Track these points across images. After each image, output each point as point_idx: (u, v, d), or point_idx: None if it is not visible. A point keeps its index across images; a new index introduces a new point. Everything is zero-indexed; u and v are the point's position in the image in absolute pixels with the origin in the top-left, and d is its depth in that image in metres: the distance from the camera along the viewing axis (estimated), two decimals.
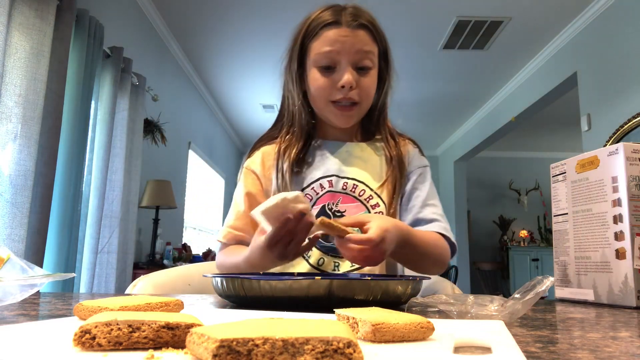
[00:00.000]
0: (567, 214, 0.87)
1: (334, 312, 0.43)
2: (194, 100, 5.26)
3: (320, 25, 0.96)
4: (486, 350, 0.33)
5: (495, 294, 0.66)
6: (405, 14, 3.84)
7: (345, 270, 0.95)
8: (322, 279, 0.57)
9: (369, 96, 1.00)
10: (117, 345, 0.30)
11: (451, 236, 0.97)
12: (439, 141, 7.65)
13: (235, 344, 0.24)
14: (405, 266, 0.93)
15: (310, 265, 0.96)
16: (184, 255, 4.19)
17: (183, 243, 4.56)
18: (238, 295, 0.61)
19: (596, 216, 0.80)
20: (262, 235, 0.76)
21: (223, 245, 1.02)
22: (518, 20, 3.88)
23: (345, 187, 1.00)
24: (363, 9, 0.99)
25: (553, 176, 0.92)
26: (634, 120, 3.18)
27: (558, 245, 0.89)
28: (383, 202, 1.00)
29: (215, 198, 6.56)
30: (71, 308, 0.58)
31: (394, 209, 1.00)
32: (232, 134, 7.23)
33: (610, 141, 3.37)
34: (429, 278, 0.75)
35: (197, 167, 5.56)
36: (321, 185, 1.00)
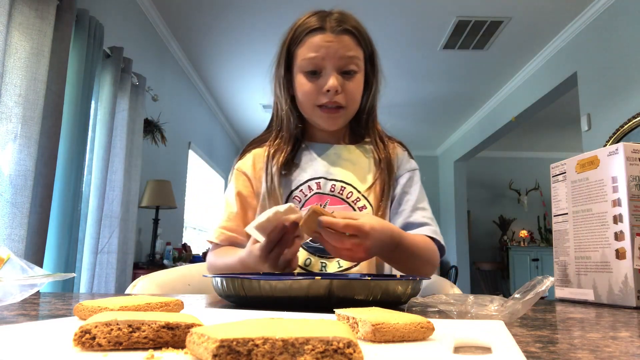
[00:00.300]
0: (567, 214, 0.87)
1: (334, 312, 0.43)
2: (194, 100, 5.26)
3: (305, 32, 0.98)
4: (486, 350, 0.33)
5: (495, 294, 0.66)
6: (406, 14, 3.84)
7: (333, 271, 0.96)
8: (322, 279, 0.57)
9: (354, 100, 1.01)
10: (117, 345, 0.30)
11: (441, 239, 0.98)
12: (439, 141, 7.64)
13: (235, 344, 0.24)
14: (395, 268, 0.93)
15: (298, 266, 0.96)
16: (184, 255, 4.19)
17: (183, 243, 4.56)
18: (238, 295, 0.61)
19: (596, 216, 0.80)
20: (257, 244, 0.77)
21: (215, 246, 1.02)
22: (518, 20, 3.88)
23: (333, 189, 1.01)
24: (348, 14, 1.00)
25: (553, 176, 0.92)
26: (634, 120, 3.18)
27: (558, 245, 0.89)
28: (370, 205, 1.00)
29: (215, 198, 6.56)
30: (71, 308, 0.58)
31: (382, 212, 1.00)
32: (232, 134, 7.23)
33: (610, 141, 3.37)
34: (429, 278, 0.75)
35: (197, 167, 5.56)
36: (309, 187, 1.01)
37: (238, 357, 0.24)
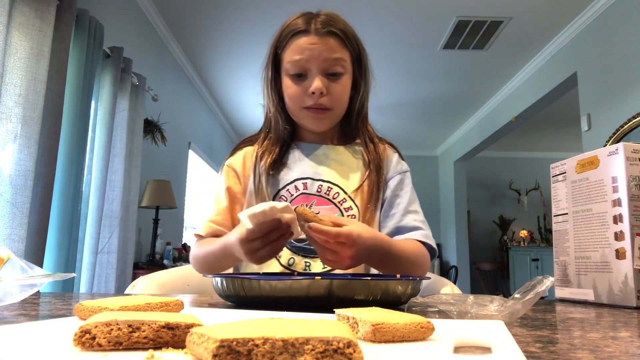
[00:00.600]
0: (567, 214, 0.87)
1: (334, 312, 0.43)
2: (194, 100, 5.26)
3: (290, 34, 0.98)
4: (486, 350, 0.33)
5: (495, 294, 0.66)
6: (406, 14, 3.84)
7: (317, 271, 0.95)
8: (322, 279, 0.57)
9: (340, 102, 1.00)
10: (117, 345, 0.30)
11: (432, 243, 0.97)
12: (439, 141, 7.64)
13: (235, 344, 0.24)
14: (383, 274, 0.93)
15: (281, 265, 0.96)
16: (184, 255, 4.19)
17: (183, 243, 4.56)
18: (238, 295, 0.61)
19: (596, 216, 0.80)
20: (245, 228, 0.76)
21: (199, 238, 1.02)
22: (518, 20, 3.88)
23: (319, 190, 1.00)
24: (335, 15, 1.00)
25: (553, 176, 0.92)
26: (634, 120, 3.18)
27: (558, 245, 0.89)
28: (356, 206, 1.00)
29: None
30: (71, 308, 0.58)
31: (370, 214, 0.99)
32: (232, 134, 7.23)
33: (610, 141, 3.37)
34: (429, 278, 0.75)
35: (197, 167, 5.55)
36: (296, 187, 1.01)
37: (238, 357, 0.24)
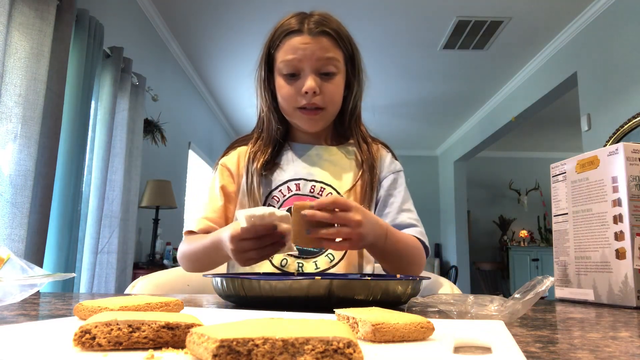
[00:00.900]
0: (567, 214, 0.87)
1: (334, 312, 0.43)
2: (194, 100, 5.26)
3: (283, 34, 0.98)
4: (486, 350, 0.33)
5: (495, 294, 0.66)
6: (406, 14, 3.84)
7: (309, 271, 0.95)
8: (322, 278, 0.57)
9: (333, 101, 1.00)
10: (117, 345, 0.30)
11: (426, 241, 0.98)
12: (439, 141, 7.64)
13: (235, 344, 0.24)
14: (383, 264, 0.93)
15: (274, 266, 0.96)
16: None
17: None
18: (238, 295, 0.61)
19: (596, 216, 0.80)
20: (239, 225, 0.76)
21: (190, 234, 1.01)
22: (518, 20, 3.88)
23: (312, 190, 1.00)
24: (328, 15, 1.00)
25: (553, 176, 0.92)
26: (634, 120, 3.18)
27: (558, 245, 0.89)
28: None
29: None
30: (71, 308, 0.58)
31: None
32: (232, 134, 7.23)
33: (610, 141, 3.37)
34: (429, 278, 0.75)
35: (197, 167, 5.55)
36: (288, 188, 1.01)
37: (238, 357, 0.24)
